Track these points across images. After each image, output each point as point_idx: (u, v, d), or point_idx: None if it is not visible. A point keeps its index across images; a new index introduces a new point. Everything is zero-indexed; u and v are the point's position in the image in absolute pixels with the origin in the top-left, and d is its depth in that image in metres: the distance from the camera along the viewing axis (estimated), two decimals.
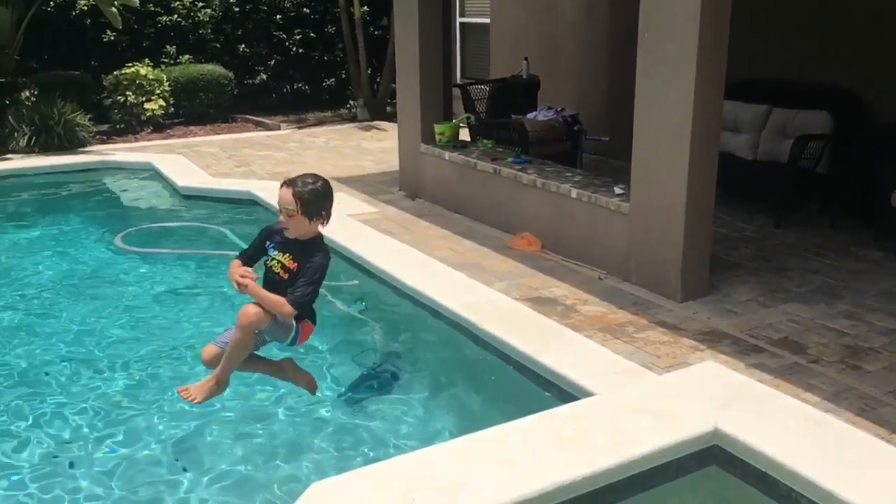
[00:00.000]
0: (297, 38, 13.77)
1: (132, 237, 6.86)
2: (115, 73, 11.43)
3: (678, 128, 4.82)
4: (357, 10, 12.46)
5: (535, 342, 4.28)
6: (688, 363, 4.12)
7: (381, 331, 4.98)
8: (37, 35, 10.83)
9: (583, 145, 8.04)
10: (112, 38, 12.25)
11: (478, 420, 3.71)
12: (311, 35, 13.91)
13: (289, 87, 13.96)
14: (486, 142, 7.53)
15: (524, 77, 8.97)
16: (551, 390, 3.98)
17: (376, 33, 13.94)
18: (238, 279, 3.33)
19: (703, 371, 3.93)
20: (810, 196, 6.90)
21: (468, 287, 5.17)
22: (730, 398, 3.56)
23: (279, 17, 13.62)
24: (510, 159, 6.83)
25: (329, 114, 13.45)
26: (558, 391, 3.93)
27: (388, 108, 12.61)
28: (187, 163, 9.27)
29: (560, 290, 5.25)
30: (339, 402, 4.11)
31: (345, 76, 13.99)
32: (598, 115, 8.93)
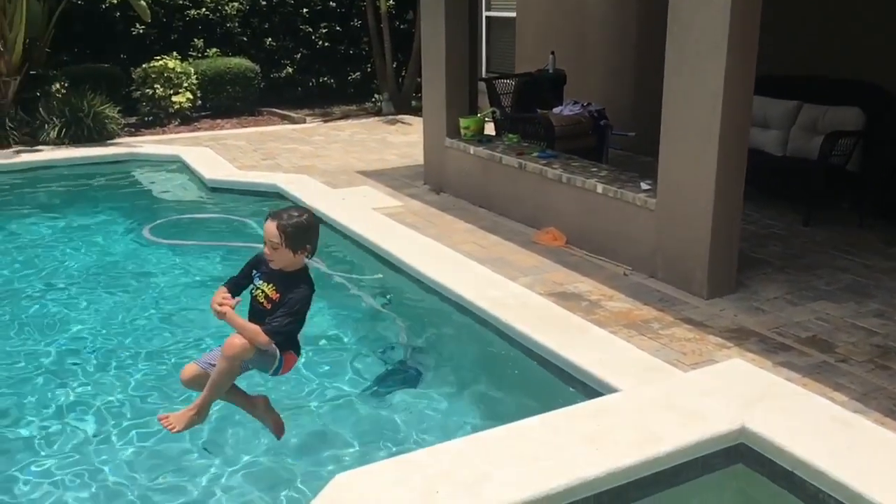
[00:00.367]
0: (324, 31, 13.82)
1: (160, 229, 6.93)
2: (144, 66, 11.54)
3: (707, 123, 4.77)
4: (383, 4, 12.49)
5: (560, 337, 4.26)
6: (714, 361, 4.09)
7: (404, 325, 4.98)
8: (67, 28, 10.95)
9: (609, 140, 7.99)
10: (141, 31, 12.37)
11: (501, 415, 3.70)
12: (337, 29, 13.96)
13: (314, 80, 14.01)
14: (511, 136, 7.50)
15: (550, 71, 8.91)
16: (575, 386, 3.96)
17: (402, 27, 13.96)
18: (216, 307, 3.35)
19: (729, 369, 3.88)
20: (840, 194, 6.79)
21: (492, 281, 5.16)
22: (757, 396, 3.52)
23: (305, 10, 13.68)
24: (535, 154, 6.80)
25: (354, 107, 13.48)
26: (582, 387, 3.91)
27: (413, 102, 12.62)
28: (214, 155, 9.34)
29: (585, 285, 5.22)
30: (362, 396, 4.13)
31: (370, 70, 14.01)
32: (624, 111, 8.86)
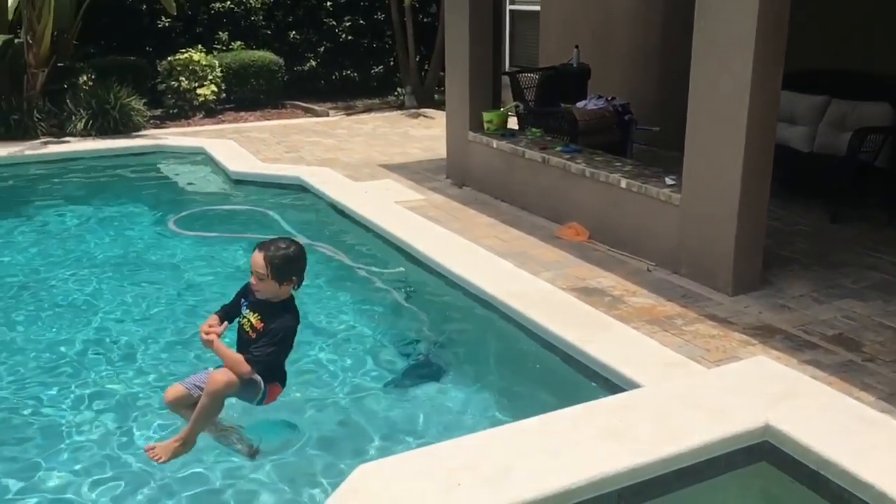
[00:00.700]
0: (347, 24, 13.84)
1: (185, 220, 6.99)
2: (169, 58, 11.63)
3: (734, 118, 4.72)
4: None
5: (582, 332, 4.24)
6: (738, 357, 4.05)
7: (426, 318, 4.98)
8: (94, 20, 11.05)
9: (633, 135, 7.93)
10: (167, 24, 12.46)
11: (523, 410, 3.69)
12: (361, 22, 13.97)
13: (338, 73, 14.05)
14: (534, 130, 7.48)
15: (574, 65, 8.85)
16: (597, 381, 3.94)
17: (425, 20, 13.94)
18: (203, 335, 3.37)
19: (754, 366, 3.85)
20: (868, 190, 6.69)
21: (515, 276, 5.15)
22: (781, 394, 3.48)
23: (329, 3, 13.70)
24: (559, 148, 6.77)
25: (377, 101, 13.49)
26: (604, 382, 3.90)
27: (436, 96, 12.61)
28: (238, 148, 9.39)
29: (608, 280, 5.20)
30: (384, 389, 4.14)
31: (393, 63, 14.02)
32: (649, 105, 8.80)
